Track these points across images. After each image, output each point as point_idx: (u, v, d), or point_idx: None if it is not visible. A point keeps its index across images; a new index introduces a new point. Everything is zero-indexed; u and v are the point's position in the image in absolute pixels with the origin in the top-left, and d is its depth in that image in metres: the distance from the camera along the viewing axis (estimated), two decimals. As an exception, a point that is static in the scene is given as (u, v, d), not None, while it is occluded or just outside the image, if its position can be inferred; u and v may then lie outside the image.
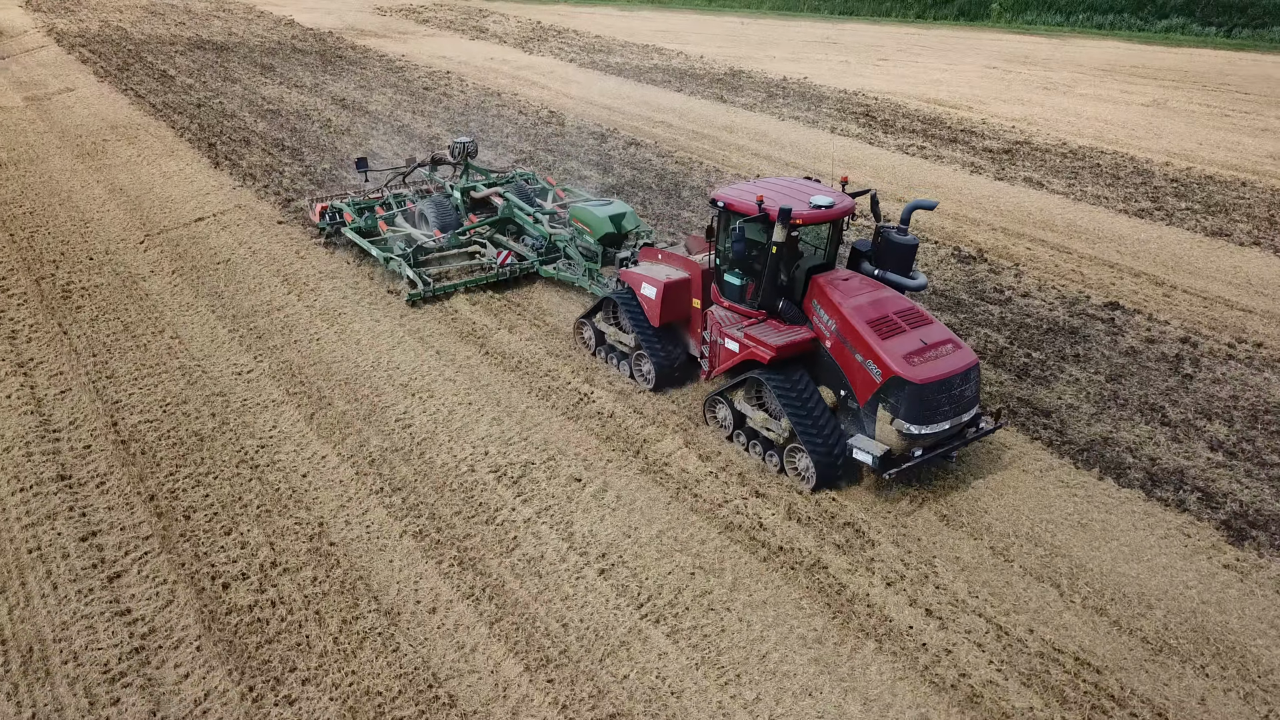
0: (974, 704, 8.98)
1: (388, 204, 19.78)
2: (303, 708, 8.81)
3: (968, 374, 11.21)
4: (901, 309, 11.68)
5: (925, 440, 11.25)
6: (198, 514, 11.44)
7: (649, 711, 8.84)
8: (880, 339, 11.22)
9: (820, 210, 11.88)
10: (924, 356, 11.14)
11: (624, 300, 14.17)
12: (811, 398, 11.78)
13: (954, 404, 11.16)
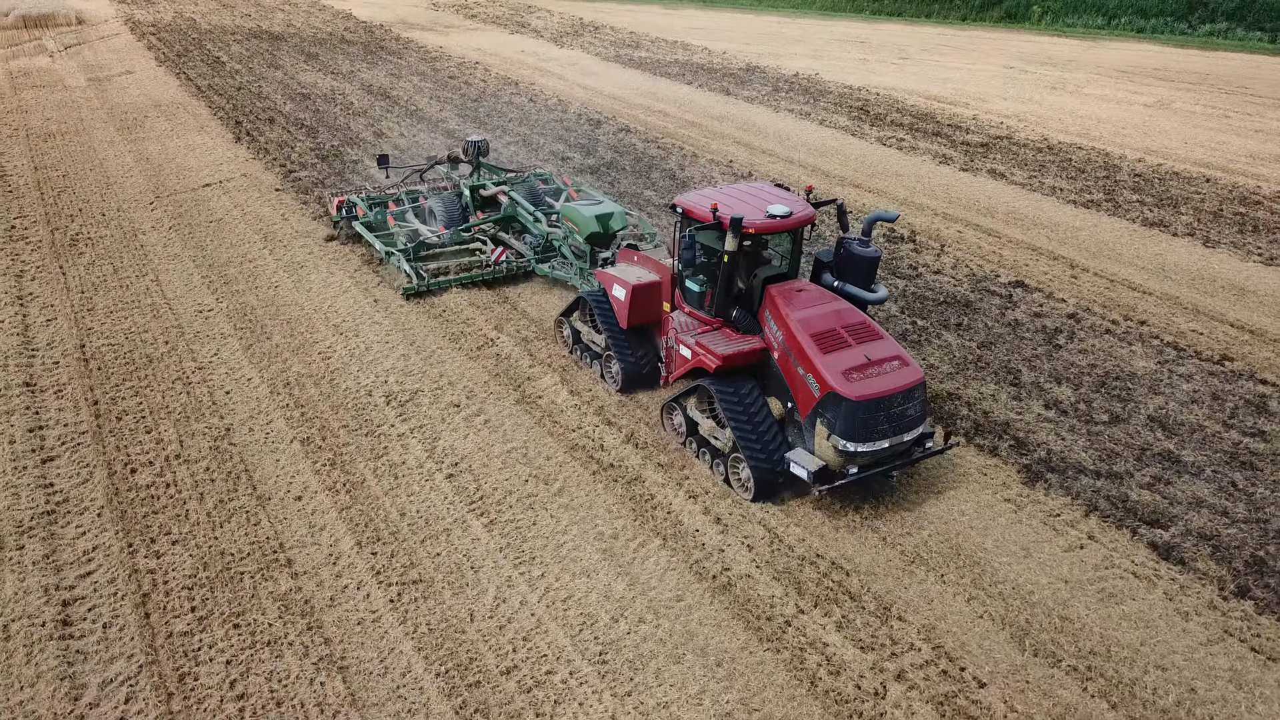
0: (725, 591, 10.48)
1: (399, 200, 20.14)
2: (165, 560, 10.77)
3: (910, 393, 10.95)
4: (851, 323, 11.49)
5: (862, 459, 11.07)
6: (128, 417, 13.54)
7: (447, 579, 10.57)
8: (821, 353, 11.06)
9: (775, 220, 11.71)
10: (865, 373, 10.91)
11: (596, 301, 14.13)
12: (756, 408, 11.68)
13: (894, 423, 10.92)
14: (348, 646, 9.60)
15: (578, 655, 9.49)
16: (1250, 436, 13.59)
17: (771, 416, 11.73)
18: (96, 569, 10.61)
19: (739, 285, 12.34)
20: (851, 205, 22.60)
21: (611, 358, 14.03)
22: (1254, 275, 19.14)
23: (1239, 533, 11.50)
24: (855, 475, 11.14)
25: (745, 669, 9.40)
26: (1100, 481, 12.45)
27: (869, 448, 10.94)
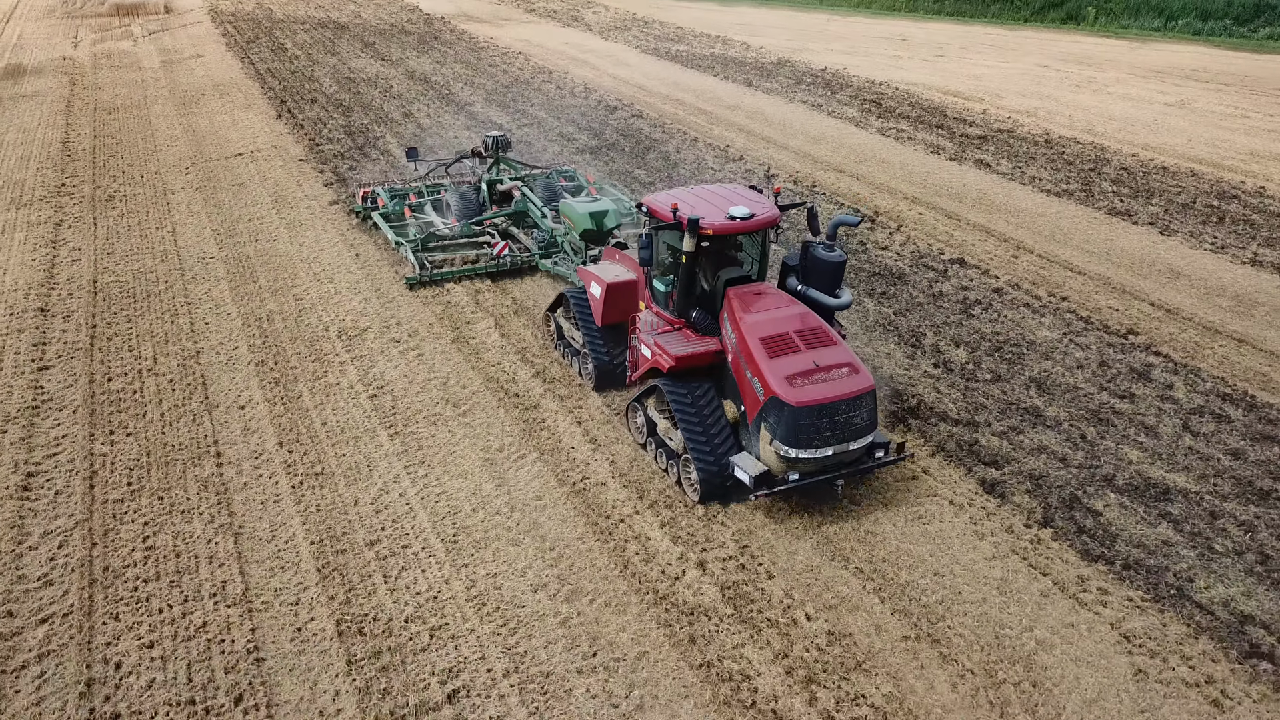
0: (579, 495, 12.08)
1: (420, 193, 20.70)
2: (118, 447, 12.86)
3: (857, 401, 10.75)
4: (805, 328, 11.37)
5: (804, 465, 10.93)
6: (117, 338, 15.77)
7: (345, 474, 12.41)
8: (769, 357, 10.95)
9: (734, 221, 11.63)
10: (810, 379, 10.77)
11: (575, 297, 14.19)
12: (709, 411, 11.62)
13: (838, 430, 10.74)
14: (247, 519, 11.49)
15: (434, 536, 11.21)
16: (1119, 398, 14.55)
17: (724, 419, 11.62)
18: (61, 452, 12.73)
19: (702, 286, 12.29)
20: (830, 188, 23.83)
21: (587, 355, 14.00)
22: (1195, 261, 19.80)
23: (1067, 475, 12.59)
24: (796, 482, 11.03)
25: (573, 554, 10.99)
26: (957, 428, 13.61)
27: (811, 454, 10.73)
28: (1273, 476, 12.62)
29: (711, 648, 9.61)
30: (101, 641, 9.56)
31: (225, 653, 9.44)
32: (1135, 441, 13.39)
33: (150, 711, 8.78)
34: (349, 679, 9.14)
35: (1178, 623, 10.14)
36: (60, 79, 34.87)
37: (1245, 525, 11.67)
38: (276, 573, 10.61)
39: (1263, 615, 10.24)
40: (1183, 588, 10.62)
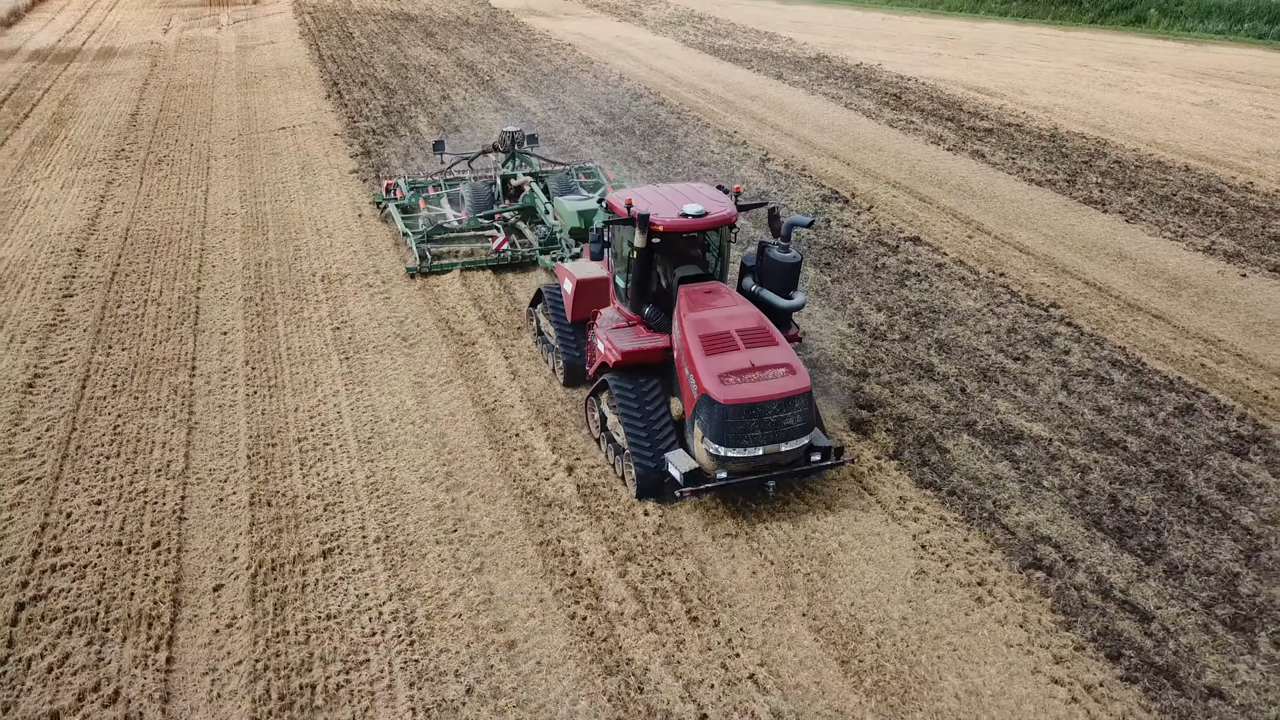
0: (487, 414, 13.81)
1: (438, 185, 21.04)
2: (111, 359, 15.12)
3: (789, 402, 10.69)
4: (748, 327, 11.37)
5: (734, 464, 10.94)
6: (134, 275, 18.20)
7: (294, 387, 14.44)
8: (705, 354, 10.93)
9: (685, 219, 11.70)
10: (744, 377, 10.74)
11: (550, 293, 14.39)
12: (653, 407, 11.66)
13: (768, 430, 10.72)
14: (203, 417, 13.63)
15: (352, 438, 13.17)
16: (1013, 360, 15.70)
17: (668, 417, 11.69)
18: (65, 360, 15.10)
19: (661, 283, 12.46)
20: (818, 172, 25.09)
21: (558, 350, 14.14)
22: (1147, 246, 20.55)
23: (931, 420, 13.87)
24: (724, 481, 11.03)
25: (465, 457, 12.80)
26: (847, 378, 14.99)
27: (739, 453, 10.75)
28: (1126, 430, 13.66)
29: (555, 530, 11.30)
30: (60, 499, 11.74)
31: (155, 512, 11.53)
32: (1010, 396, 14.54)
33: (85, 547, 10.88)
34: (249, 535, 11.13)
35: (978, 539, 11.41)
36: (144, 60, 38.22)
37: (1080, 468, 12.80)
38: (215, 458, 12.68)
39: (1059, 538, 11.44)
40: (996, 513, 11.87)
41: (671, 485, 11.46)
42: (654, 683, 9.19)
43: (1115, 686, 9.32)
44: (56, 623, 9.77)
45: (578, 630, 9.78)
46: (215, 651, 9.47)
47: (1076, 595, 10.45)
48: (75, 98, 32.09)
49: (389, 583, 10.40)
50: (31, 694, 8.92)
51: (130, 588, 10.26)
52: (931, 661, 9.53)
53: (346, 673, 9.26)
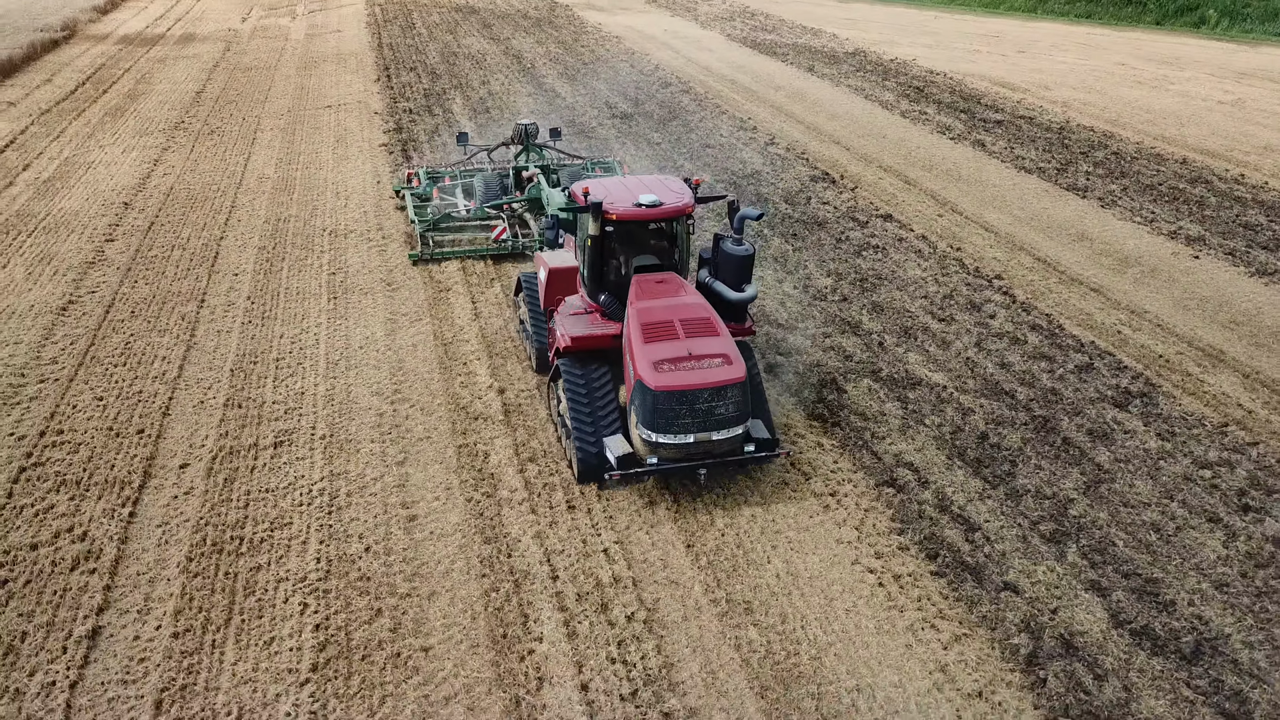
0: (444, 346, 15.75)
1: (454, 175, 21.33)
2: (136, 290, 17.44)
3: (722, 391, 10.83)
4: (692, 317, 11.55)
5: (665, 450, 11.04)
6: (167, 226, 20.59)
7: (284, 318, 16.52)
8: (644, 342, 11.13)
9: (639, 209, 11.91)
10: (679, 365, 10.91)
11: (527, 281, 14.67)
12: (601, 393, 11.84)
13: (698, 418, 10.86)
14: (202, 339, 15.81)
15: (322, 360, 15.17)
16: (939, 321, 16.98)
17: (615, 404, 11.84)
18: (97, 291, 17.47)
19: (619, 272, 12.67)
20: (815, 155, 26.37)
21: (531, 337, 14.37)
22: (1111, 229, 21.42)
23: (840, 366, 15.28)
24: (655, 467, 11.20)
25: (415, 379, 14.67)
26: (779, 331, 16.47)
27: (670, 439, 10.89)
28: (1020, 383, 14.90)
29: (475, 438, 13.12)
30: (71, 395, 13.99)
31: (145, 408, 13.70)
32: (923, 350, 15.87)
33: (82, 430, 13.09)
34: (217, 429, 13.21)
35: (846, 462, 12.84)
36: (218, 45, 41.34)
37: (964, 411, 14.11)
38: (204, 371, 14.83)
39: (920, 464, 12.81)
40: (870, 443, 13.28)
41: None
42: (521, 551, 10.94)
43: (923, 578, 10.72)
44: (48, 483, 11.95)
45: (470, 510, 11.58)
46: (170, 511, 11.52)
47: (916, 508, 11.83)
48: (150, 77, 35.13)
49: (323, 469, 12.34)
50: (18, 531, 11.07)
51: (112, 462, 12.40)
52: (764, 549, 11.06)
53: (271, 531, 11.21)
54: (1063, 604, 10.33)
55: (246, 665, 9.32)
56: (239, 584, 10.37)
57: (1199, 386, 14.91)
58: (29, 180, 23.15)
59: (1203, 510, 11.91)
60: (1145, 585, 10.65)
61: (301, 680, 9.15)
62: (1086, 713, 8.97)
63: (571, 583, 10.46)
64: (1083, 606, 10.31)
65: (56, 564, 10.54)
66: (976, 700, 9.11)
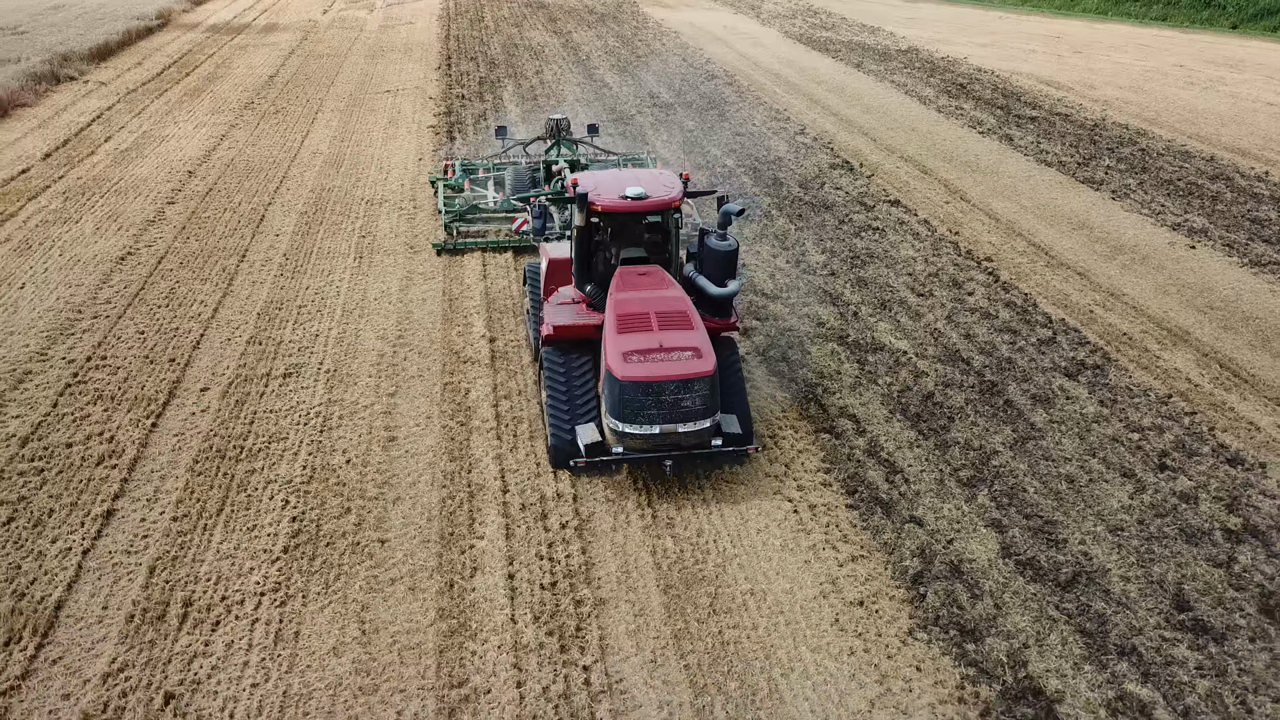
0: (450, 301, 17.36)
1: (488, 168, 21.89)
2: (188, 245, 19.44)
3: (689, 384, 10.88)
4: (668, 310, 11.62)
5: (631, 440, 11.12)
6: (223, 192, 22.61)
7: (313, 272, 18.34)
8: (617, 332, 11.24)
9: (624, 201, 12.02)
10: (649, 357, 10.96)
11: (531, 271, 14.80)
12: (579, 382, 11.94)
13: (664, 410, 10.90)
14: (238, 287, 17.66)
15: (339, 308, 16.83)
16: (918, 296, 17.94)
17: (594, 393, 11.91)
18: (153, 245, 19.48)
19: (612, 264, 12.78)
20: (840, 144, 27.26)
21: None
22: (1114, 218, 21.89)
23: (810, 331, 16.36)
24: (620, 456, 11.33)
25: (419, 327, 16.21)
26: (762, 299, 17.57)
27: (636, 430, 10.95)
28: (979, 351, 15.82)
29: (460, 377, 14.61)
30: (118, 329, 15.91)
31: (178, 341, 15.55)
32: (894, 320, 16.88)
33: (121, 357, 14.97)
34: (237, 360, 14.97)
35: (793, 413, 13.91)
36: (296, 34, 43.90)
37: (917, 374, 15.10)
38: (235, 314, 16.65)
39: (862, 416, 13.86)
40: (820, 397, 14.36)
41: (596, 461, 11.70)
42: (481, 469, 12.39)
43: (837, 509, 11.86)
44: (87, 397, 13.82)
45: (443, 435, 13.08)
46: (185, 424, 13.28)
47: (846, 452, 12.94)
48: (230, 62, 37.70)
49: (323, 396, 13.99)
50: (57, 432, 12.94)
51: (144, 383, 14.24)
52: (698, 478, 12.28)
53: (268, 443, 12.87)
54: (960, 537, 11.35)
55: (229, 545, 10.94)
56: (234, 483, 12.02)
57: (1154, 362, 15.61)
58: (109, 150, 25.50)
59: (1120, 467, 12.74)
60: (1043, 526, 11.58)
61: (273, 559, 10.72)
62: (954, 623, 10.01)
63: (519, 496, 11.86)
64: (978, 540, 11.31)
65: (85, 459, 12.33)
66: (857, 608, 10.22)
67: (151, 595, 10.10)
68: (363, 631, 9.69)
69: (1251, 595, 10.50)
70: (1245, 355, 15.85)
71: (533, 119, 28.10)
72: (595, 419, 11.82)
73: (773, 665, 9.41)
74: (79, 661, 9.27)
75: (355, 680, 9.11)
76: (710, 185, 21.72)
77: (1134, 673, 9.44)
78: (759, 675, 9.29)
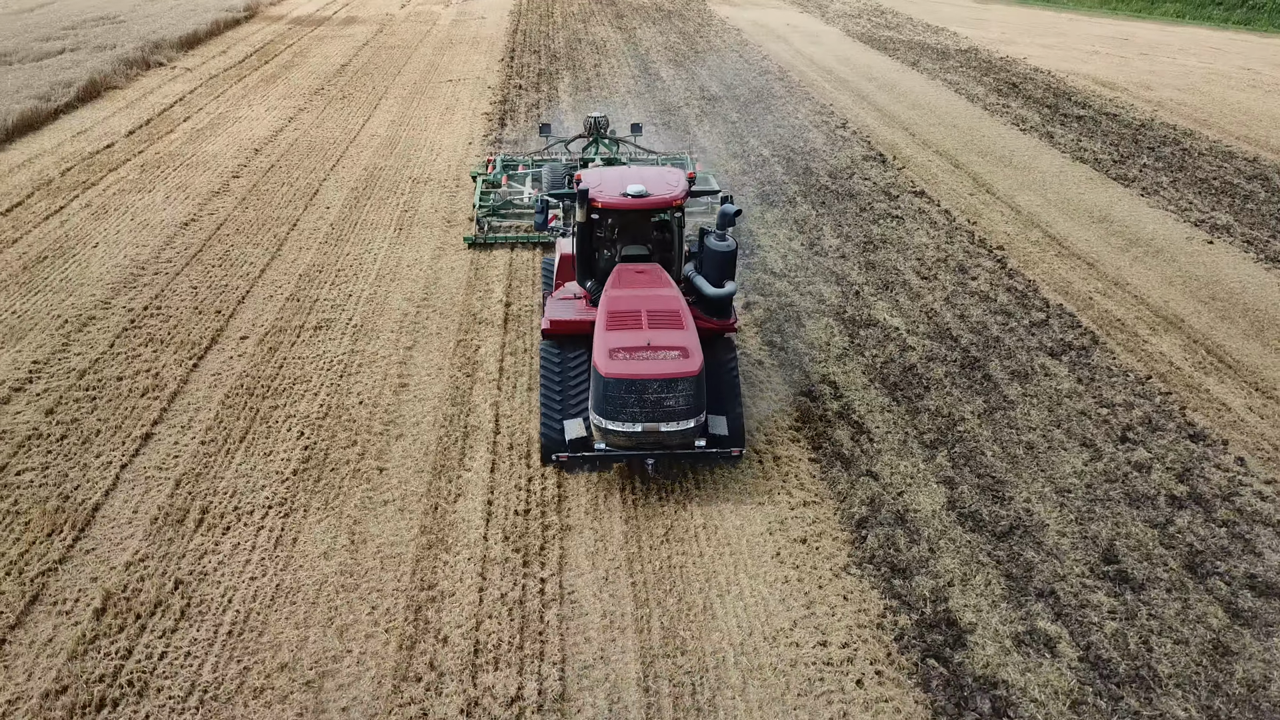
0: (475, 271, 18.75)
1: (528, 164, 22.12)
2: (246, 214, 21.16)
3: (672, 383, 10.80)
4: (660, 309, 11.60)
5: (612, 437, 11.13)
6: (284, 169, 24.37)
7: (354, 242, 19.87)
8: (606, 329, 11.27)
9: (624, 198, 12.11)
10: (635, 355, 10.95)
11: (546, 268, 15.09)
12: (573, 377, 11.93)
13: (647, 409, 10.86)
14: (286, 252, 19.22)
15: (373, 273, 18.28)
16: (921, 279, 18.66)
17: (585, 389, 11.89)
18: (214, 214, 21.19)
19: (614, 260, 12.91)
20: (878, 138, 27.83)
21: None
22: (1137, 213, 22.09)
23: (809, 307, 17.25)
24: (603, 452, 11.36)
25: (443, 291, 17.51)
26: (769, 277, 18.52)
27: (618, 427, 10.92)
28: (970, 330, 16.52)
29: (474, 335, 15.89)
30: (174, 284, 17.51)
31: (226, 296, 17.13)
32: (893, 300, 17.66)
33: (174, 308, 16.58)
34: (276, 314, 16.46)
35: (778, 378, 14.82)
36: (373, 27, 45.96)
37: (905, 348, 15.88)
38: (279, 275, 18.19)
39: (842, 384, 14.72)
40: (805, 366, 15.26)
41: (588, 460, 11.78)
42: (479, 414, 13.62)
43: (800, 462, 12.78)
44: (140, 340, 15.44)
45: (449, 384, 14.35)
46: (223, 366, 14.80)
47: (819, 410, 13.85)
48: (307, 52, 39.81)
49: (348, 347, 15.39)
50: (110, 367, 14.55)
51: (190, 330, 15.83)
52: (674, 429, 13.30)
53: (293, 384, 14.30)
54: (910, 490, 12.19)
55: (246, 466, 12.36)
56: (258, 416, 13.46)
57: (1140, 346, 16.12)
58: (186, 129, 27.52)
59: (1082, 437, 13.39)
60: (993, 484, 12.34)
61: (283, 479, 12.09)
62: (887, 562, 10.89)
63: (508, 437, 13.05)
64: (927, 493, 12.13)
65: (131, 391, 13.91)
66: (799, 544, 11.16)
67: (175, 503, 11.51)
68: (352, 542, 10.96)
69: (1179, 553, 11.12)
70: (1236, 343, 16.22)
71: (584, 109, 29.30)
72: (585, 415, 11.79)
73: (711, 587, 10.39)
74: (107, 553, 10.71)
75: (339, 580, 10.37)
76: (744, 169, 22.64)
77: (1048, 612, 10.18)
78: (697, 595, 10.29)
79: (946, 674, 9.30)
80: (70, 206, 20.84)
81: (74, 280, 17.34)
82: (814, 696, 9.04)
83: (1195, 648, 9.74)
